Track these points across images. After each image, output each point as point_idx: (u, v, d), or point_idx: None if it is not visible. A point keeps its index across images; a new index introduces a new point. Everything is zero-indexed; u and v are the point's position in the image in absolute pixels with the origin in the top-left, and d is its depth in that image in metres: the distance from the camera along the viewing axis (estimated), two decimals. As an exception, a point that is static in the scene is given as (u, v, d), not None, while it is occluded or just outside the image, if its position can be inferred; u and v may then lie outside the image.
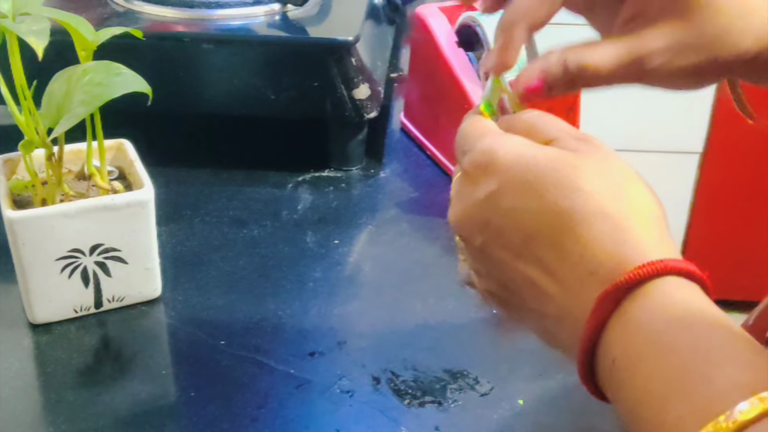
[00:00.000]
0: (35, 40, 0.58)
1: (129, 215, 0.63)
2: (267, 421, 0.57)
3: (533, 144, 0.43)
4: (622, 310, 0.38)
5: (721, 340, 0.36)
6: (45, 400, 0.59)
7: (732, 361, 0.35)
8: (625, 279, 0.38)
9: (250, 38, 0.83)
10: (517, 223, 0.41)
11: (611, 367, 0.38)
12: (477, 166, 0.43)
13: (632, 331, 0.37)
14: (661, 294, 0.38)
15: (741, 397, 0.33)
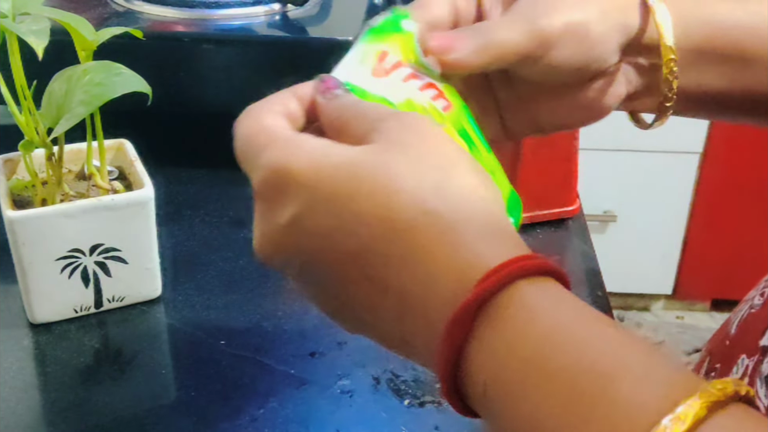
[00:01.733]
0: (35, 40, 0.58)
1: (129, 215, 0.63)
2: (267, 421, 0.57)
3: (332, 146, 0.36)
4: (478, 335, 0.33)
5: (606, 348, 0.31)
6: (45, 400, 0.59)
7: (627, 373, 0.30)
8: (473, 297, 0.32)
9: (250, 38, 0.83)
10: (334, 244, 0.35)
11: (483, 394, 0.33)
12: (270, 187, 0.37)
13: (500, 356, 0.32)
14: (519, 306, 0.33)
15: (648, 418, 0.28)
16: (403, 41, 0.43)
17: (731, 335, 0.53)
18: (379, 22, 0.44)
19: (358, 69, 0.43)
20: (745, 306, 0.54)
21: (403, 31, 0.43)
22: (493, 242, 0.34)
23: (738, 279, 2.09)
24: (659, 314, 2.22)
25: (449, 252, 0.34)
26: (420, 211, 0.34)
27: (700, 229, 2.06)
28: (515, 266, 0.33)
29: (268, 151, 0.37)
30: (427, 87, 0.43)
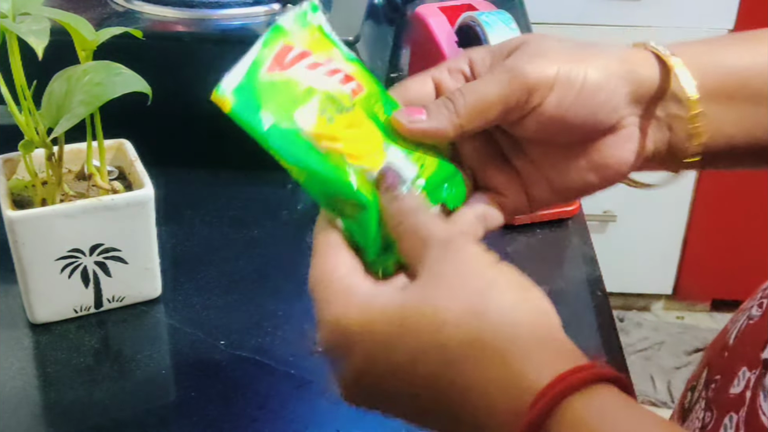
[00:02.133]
0: (35, 40, 0.58)
1: (129, 215, 0.63)
2: (267, 421, 0.57)
3: (377, 292, 0.39)
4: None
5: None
6: (45, 400, 0.59)
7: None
8: (525, 426, 0.34)
9: (250, 38, 0.83)
10: (400, 385, 0.38)
11: None
12: (333, 345, 0.41)
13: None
14: (571, 426, 0.34)
15: None
16: (312, 33, 0.44)
17: (730, 346, 0.52)
18: (285, 18, 0.44)
19: (256, 66, 0.43)
20: (743, 316, 0.53)
21: (311, 25, 0.44)
22: (540, 360, 0.35)
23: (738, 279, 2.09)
24: (659, 314, 2.22)
25: (501, 379, 0.35)
26: (466, 341, 0.36)
27: (700, 229, 2.06)
28: (562, 385, 0.34)
29: (325, 308, 0.41)
30: (334, 72, 0.43)
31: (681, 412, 0.55)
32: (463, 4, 0.88)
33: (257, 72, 0.43)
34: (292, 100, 0.42)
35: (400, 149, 0.44)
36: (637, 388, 0.56)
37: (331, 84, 0.43)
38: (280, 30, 0.44)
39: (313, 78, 0.43)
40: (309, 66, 0.43)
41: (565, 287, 0.72)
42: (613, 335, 0.66)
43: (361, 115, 0.44)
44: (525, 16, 1.25)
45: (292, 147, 0.42)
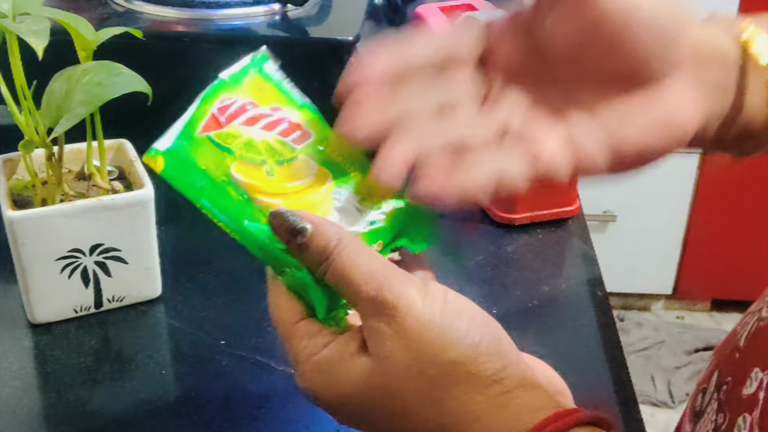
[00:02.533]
0: (35, 40, 0.58)
1: (129, 215, 0.63)
2: (267, 421, 0.57)
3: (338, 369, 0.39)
4: None
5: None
6: (45, 400, 0.59)
7: None
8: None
9: (250, 38, 0.83)
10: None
11: None
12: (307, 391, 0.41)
13: None
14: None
15: None
16: (258, 84, 0.43)
17: (740, 348, 0.52)
18: (232, 72, 0.44)
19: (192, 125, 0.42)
20: (753, 319, 0.53)
21: (258, 76, 0.44)
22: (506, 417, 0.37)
23: (738, 279, 2.09)
24: (659, 314, 2.22)
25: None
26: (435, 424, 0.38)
27: (700, 229, 2.06)
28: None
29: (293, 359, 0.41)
30: (276, 123, 0.42)
31: (692, 415, 0.55)
32: (463, 4, 0.88)
33: (193, 131, 0.42)
34: (229, 153, 0.41)
35: (351, 191, 0.42)
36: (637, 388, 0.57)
37: (271, 135, 0.42)
38: (222, 84, 0.43)
39: (252, 130, 0.42)
40: (248, 120, 0.42)
41: (565, 287, 0.72)
42: (613, 335, 0.66)
43: (305, 162, 0.42)
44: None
45: (223, 204, 0.40)
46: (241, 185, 0.40)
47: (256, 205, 0.40)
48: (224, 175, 0.40)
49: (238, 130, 0.41)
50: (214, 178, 0.40)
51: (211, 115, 0.42)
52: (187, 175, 0.40)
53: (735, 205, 2.00)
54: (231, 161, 0.41)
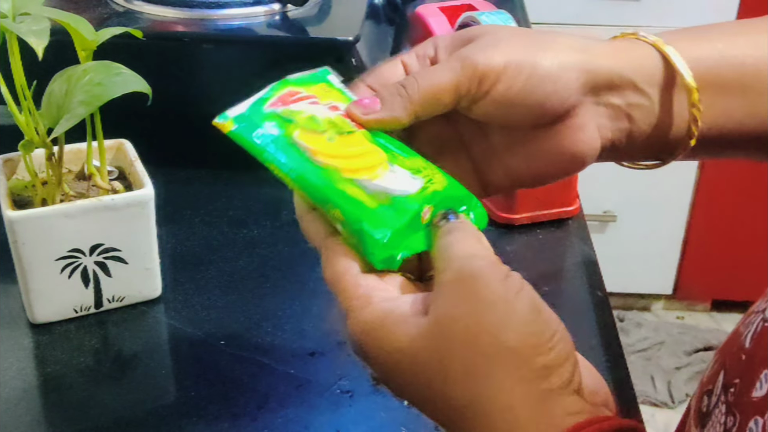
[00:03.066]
0: (35, 40, 0.58)
1: (129, 215, 0.63)
2: (267, 421, 0.57)
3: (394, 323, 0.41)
4: None
5: None
6: (45, 400, 0.59)
7: None
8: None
9: (250, 38, 0.83)
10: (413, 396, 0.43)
11: None
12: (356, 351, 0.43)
13: None
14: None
15: None
16: (320, 86, 0.47)
17: (746, 349, 0.52)
18: (297, 76, 0.47)
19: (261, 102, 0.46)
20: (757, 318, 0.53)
21: (320, 82, 0.47)
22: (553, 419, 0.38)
23: (738, 279, 2.09)
24: (659, 314, 2.22)
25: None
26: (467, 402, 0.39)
27: (700, 229, 2.06)
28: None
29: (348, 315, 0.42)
30: (336, 108, 0.46)
31: (698, 418, 0.55)
32: (463, 4, 0.88)
33: (261, 106, 0.45)
34: (293, 124, 0.44)
35: (405, 168, 0.44)
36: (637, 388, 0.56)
37: (333, 114, 0.45)
38: (287, 81, 0.47)
39: (315, 110, 0.45)
40: (311, 103, 0.46)
41: (565, 287, 0.72)
42: (613, 335, 0.66)
43: (364, 137, 0.45)
44: (525, 16, 1.25)
45: (286, 157, 0.43)
46: (302, 147, 0.43)
47: (316, 161, 0.43)
48: (287, 134, 0.44)
49: (302, 108, 0.45)
50: (277, 135, 0.44)
51: (278, 98, 0.45)
52: (250, 133, 0.44)
53: (735, 205, 2.00)
54: (294, 129, 0.44)
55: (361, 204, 0.42)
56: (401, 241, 0.42)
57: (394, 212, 0.42)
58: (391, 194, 0.42)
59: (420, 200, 0.43)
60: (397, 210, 0.42)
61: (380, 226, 0.41)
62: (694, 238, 2.07)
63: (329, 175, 0.43)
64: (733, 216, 2.02)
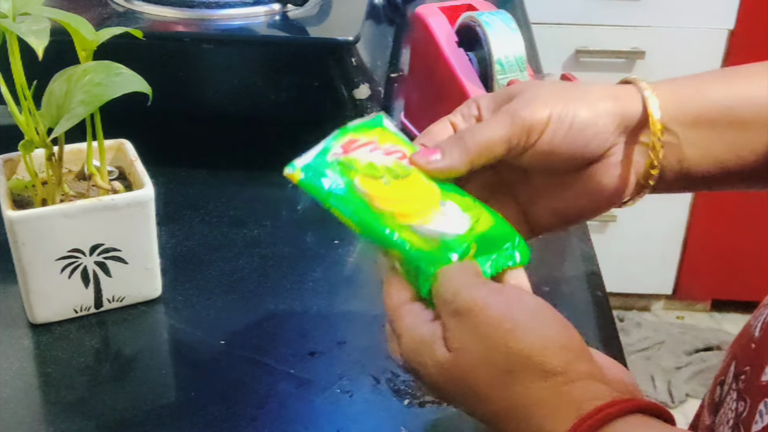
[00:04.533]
0: (35, 40, 0.58)
1: (129, 215, 0.63)
2: (267, 421, 0.57)
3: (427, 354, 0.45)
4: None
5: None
6: (45, 400, 0.59)
7: None
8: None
9: (250, 38, 0.83)
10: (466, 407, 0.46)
11: None
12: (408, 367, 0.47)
13: None
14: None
15: None
16: (377, 130, 0.52)
17: (756, 338, 0.53)
18: (355, 123, 0.53)
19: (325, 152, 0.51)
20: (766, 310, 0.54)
21: (376, 127, 0.53)
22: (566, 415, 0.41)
23: (738, 279, 2.09)
24: (659, 314, 2.22)
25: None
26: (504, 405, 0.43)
27: (700, 229, 2.06)
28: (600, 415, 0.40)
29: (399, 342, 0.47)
30: (393, 152, 0.51)
31: (712, 407, 0.56)
32: (463, 4, 0.88)
33: (325, 156, 0.51)
34: (354, 170, 0.50)
35: (456, 204, 0.50)
36: (637, 388, 0.57)
37: (389, 159, 0.51)
38: (347, 129, 0.52)
39: (373, 156, 0.51)
40: (371, 150, 0.51)
41: (565, 287, 0.72)
42: (613, 335, 0.66)
43: (418, 178, 0.50)
44: (525, 16, 1.25)
45: (349, 204, 0.49)
46: (361, 193, 0.49)
47: (374, 207, 0.48)
48: (348, 182, 0.49)
49: (361, 156, 0.51)
50: (340, 183, 0.49)
51: (340, 146, 0.51)
52: (317, 181, 0.50)
53: (735, 205, 2.00)
54: (354, 175, 0.50)
55: (415, 248, 0.47)
56: None
57: (444, 252, 0.47)
58: (441, 237, 0.48)
59: (466, 240, 0.48)
60: (446, 250, 0.47)
61: (431, 265, 0.47)
62: (694, 238, 2.07)
63: (387, 221, 0.48)
64: (733, 216, 2.02)
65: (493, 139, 0.51)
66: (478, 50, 0.81)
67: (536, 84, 0.55)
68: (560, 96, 0.52)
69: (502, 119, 0.51)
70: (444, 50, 0.83)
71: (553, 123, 0.51)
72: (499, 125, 0.51)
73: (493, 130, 0.51)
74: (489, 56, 0.79)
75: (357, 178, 0.49)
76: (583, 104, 0.52)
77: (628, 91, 0.54)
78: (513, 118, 0.51)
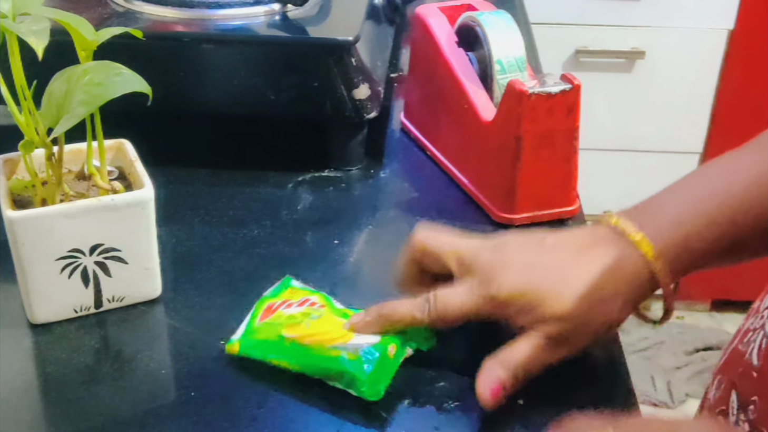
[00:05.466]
0: (35, 40, 0.58)
1: (129, 215, 0.63)
2: (267, 421, 0.57)
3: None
4: None
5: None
6: (45, 400, 0.59)
7: None
8: None
9: (250, 38, 0.83)
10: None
11: None
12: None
13: None
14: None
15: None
16: (291, 291, 0.64)
17: (756, 366, 0.52)
18: (271, 289, 0.65)
19: (252, 320, 0.62)
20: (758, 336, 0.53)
21: (292, 287, 0.65)
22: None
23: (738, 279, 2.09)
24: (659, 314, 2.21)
25: None
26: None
27: (700, 229, 2.06)
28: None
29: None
30: (305, 303, 0.62)
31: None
32: (463, 4, 0.88)
33: (252, 323, 0.62)
34: (279, 325, 0.60)
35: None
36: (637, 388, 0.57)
37: (304, 308, 0.62)
38: (264, 299, 0.64)
39: (291, 311, 0.62)
40: (287, 306, 0.62)
41: (565, 287, 0.72)
42: (613, 335, 0.66)
43: (330, 315, 0.61)
44: (525, 16, 1.25)
45: (284, 351, 0.59)
46: (291, 338, 0.60)
47: (305, 344, 0.59)
48: (279, 335, 0.60)
49: (282, 312, 0.62)
50: (273, 339, 0.60)
51: (262, 313, 0.62)
52: (255, 347, 0.61)
53: (735, 205, 2.00)
54: (280, 328, 0.60)
55: (346, 359, 0.58)
56: (380, 375, 0.57)
57: (369, 357, 0.57)
58: (360, 348, 0.58)
59: (383, 343, 0.58)
60: (369, 355, 0.58)
61: (361, 368, 0.57)
62: (694, 238, 2.07)
63: (317, 350, 0.59)
64: (733, 216, 2.02)
65: (463, 312, 0.56)
66: (478, 50, 0.81)
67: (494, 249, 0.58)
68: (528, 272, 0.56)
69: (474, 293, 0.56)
70: (444, 50, 0.83)
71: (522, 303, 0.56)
72: (469, 298, 0.56)
73: (462, 303, 0.56)
74: (489, 56, 0.79)
75: (284, 330, 0.60)
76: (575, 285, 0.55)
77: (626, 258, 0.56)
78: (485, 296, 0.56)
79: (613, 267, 0.55)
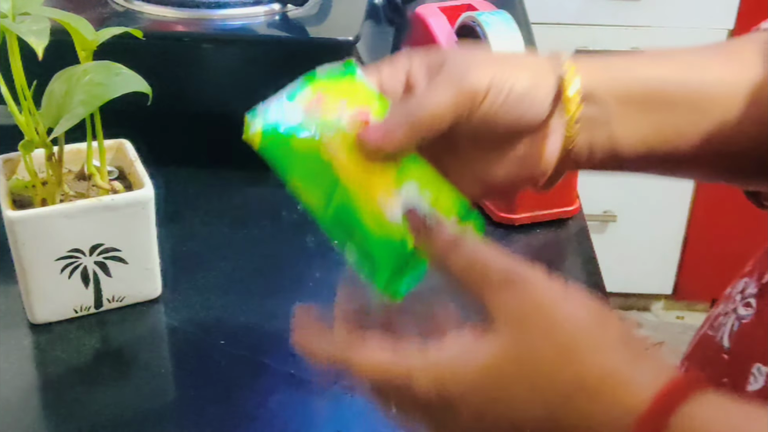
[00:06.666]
0: (35, 40, 0.58)
1: (129, 215, 0.63)
2: (267, 421, 0.57)
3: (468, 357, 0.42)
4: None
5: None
6: (45, 399, 0.59)
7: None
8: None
9: (250, 38, 0.83)
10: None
11: None
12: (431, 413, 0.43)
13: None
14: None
15: None
16: (352, 85, 0.48)
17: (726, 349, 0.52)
18: (327, 70, 0.48)
19: (288, 107, 0.48)
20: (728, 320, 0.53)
21: (356, 78, 0.48)
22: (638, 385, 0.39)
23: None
24: (659, 314, 2.22)
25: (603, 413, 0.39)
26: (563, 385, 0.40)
27: (700, 229, 2.06)
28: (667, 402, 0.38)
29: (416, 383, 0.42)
30: (360, 114, 0.47)
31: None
32: (463, 4, 0.88)
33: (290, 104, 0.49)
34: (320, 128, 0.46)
35: (414, 181, 0.47)
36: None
37: (347, 115, 0.47)
38: (314, 79, 0.48)
39: (341, 115, 0.47)
40: (341, 106, 0.47)
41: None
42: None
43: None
44: (525, 16, 1.25)
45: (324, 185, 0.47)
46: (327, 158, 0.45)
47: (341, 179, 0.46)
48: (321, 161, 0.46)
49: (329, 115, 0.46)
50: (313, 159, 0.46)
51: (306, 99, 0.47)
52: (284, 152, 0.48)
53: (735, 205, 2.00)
54: (322, 135, 0.46)
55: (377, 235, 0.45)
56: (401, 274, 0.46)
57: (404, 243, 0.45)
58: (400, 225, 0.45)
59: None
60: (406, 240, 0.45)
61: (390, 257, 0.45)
62: (694, 238, 2.07)
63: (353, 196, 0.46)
64: (733, 216, 2.02)
65: (441, 110, 0.46)
66: (478, 50, 0.81)
67: (468, 49, 0.52)
68: (498, 62, 0.49)
69: (445, 86, 0.47)
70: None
71: (493, 90, 0.47)
72: (445, 94, 0.47)
73: (439, 100, 0.46)
74: (489, 56, 0.79)
75: (324, 138, 0.46)
76: (522, 73, 0.49)
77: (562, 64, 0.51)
78: (460, 84, 0.47)
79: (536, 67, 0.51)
